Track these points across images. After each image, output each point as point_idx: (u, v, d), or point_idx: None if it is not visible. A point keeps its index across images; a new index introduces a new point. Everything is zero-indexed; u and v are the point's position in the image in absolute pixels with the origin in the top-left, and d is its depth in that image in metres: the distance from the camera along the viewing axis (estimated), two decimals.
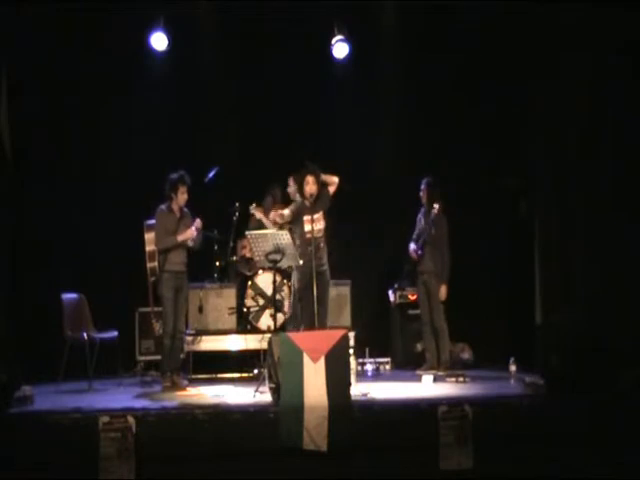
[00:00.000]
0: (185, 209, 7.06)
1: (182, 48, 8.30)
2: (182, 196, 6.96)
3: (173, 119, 8.36)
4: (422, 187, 7.65)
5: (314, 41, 8.40)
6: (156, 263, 6.95)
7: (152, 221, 7.04)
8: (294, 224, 6.88)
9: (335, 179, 6.85)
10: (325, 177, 6.82)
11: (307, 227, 6.77)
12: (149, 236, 7.08)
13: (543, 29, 7.29)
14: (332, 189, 6.87)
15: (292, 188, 7.31)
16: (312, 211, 6.83)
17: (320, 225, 6.79)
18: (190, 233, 6.91)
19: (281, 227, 6.98)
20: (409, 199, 7.89)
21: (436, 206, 7.41)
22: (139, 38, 8.09)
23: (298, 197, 7.04)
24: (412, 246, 7.67)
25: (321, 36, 8.38)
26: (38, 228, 7.81)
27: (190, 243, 6.97)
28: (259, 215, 7.02)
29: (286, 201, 7.65)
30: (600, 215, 6.92)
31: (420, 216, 7.76)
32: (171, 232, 6.93)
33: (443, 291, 7.51)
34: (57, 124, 7.99)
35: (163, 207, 7.01)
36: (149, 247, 7.03)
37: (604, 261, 6.86)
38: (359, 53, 8.49)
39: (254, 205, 7.03)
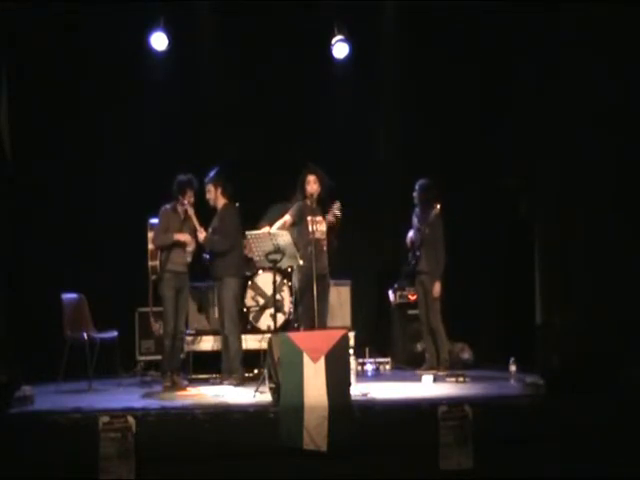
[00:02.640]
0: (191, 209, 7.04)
1: (182, 48, 8.30)
2: (189, 200, 6.98)
3: (173, 119, 8.35)
4: (415, 189, 7.67)
5: (314, 41, 8.41)
6: (157, 262, 6.96)
7: (156, 220, 7.07)
8: (298, 225, 6.88)
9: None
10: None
11: (310, 227, 6.77)
12: (151, 235, 7.09)
13: (544, 29, 7.29)
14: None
15: (212, 194, 7.16)
16: (314, 212, 6.84)
17: (322, 227, 6.80)
18: (188, 238, 6.90)
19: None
20: (409, 199, 7.88)
21: (437, 206, 7.42)
22: (139, 38, 8.09)
23: (219, 202, 7.08)
24: (410, 234, 7.70)
25: (321, 36, 8.38)
26: (38, 228, 7.81)
27: (189, 248, 7.00)
28: (190, 213, 7.01)
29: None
30: (600, 215, 6.91)
31: (414, 216, 7.78)
32: (172, 232, 6.94)
33: (437, 288, 7.50)
34: (57, 124, 7.98)
35: (168, 207, 7.04)
36: (151, 246, 7.05)
37: (604, 261, 6.85)
38: (359, 53, 8.49)
39: (186, 203, 6.99)
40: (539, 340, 6.89)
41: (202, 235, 7.01)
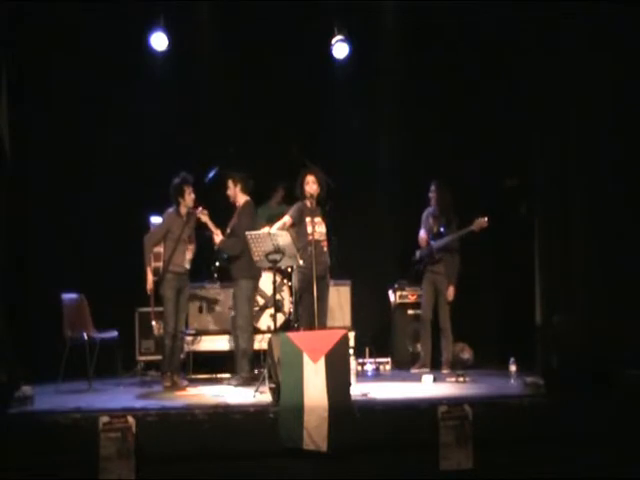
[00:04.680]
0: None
1: (182, 48, 8.30)
2: (189, 197, 7.01)
3: (173, 119, 8.35)
4: (432, 188, 7.70)
5: (314, 41, 8.41)
6: (161, 263, 6.98)
7: (158, 219, 7.08)
8: (297, 226, 6.88)
9: None
10: None
11: (309, 229, 6.77)
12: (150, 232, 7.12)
13: (543, 29, 7.29)
14: None
15: (232, 190, 7.15)
16: (313, 213, 6.84)
17: (321, 228, 6.81)
18: (150, 285, 6.98)
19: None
20: (409, 199, 7.89)
21: (485, 220, 7.48)
22: (139, 38, 8.08)
23: (239, 199, 7.07)
24: (422, 233, 7.73)
25: (321, 36, 8.38)
26: (38, 228, 7.82)
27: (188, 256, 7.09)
28: (204, 219, 7.03)
29: (290, 198, 7.63)
30: (600, 215, 6.92)
31: (427, 215, 7.80)
32: (176, 236, 6.96)
33: (451, 291, 7.62)
34: (57, 124, 7.98)
35: (171, 210, 7.06)
36: (156, 248, 7.05)
37: (604, 261, 6.86)
38: (359, 53, 8.49)
39: (200, 209, 7.02)
40: (539, 340, 6.90)
41: (218, 238, 7.02)
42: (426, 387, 6.70)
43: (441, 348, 7.63)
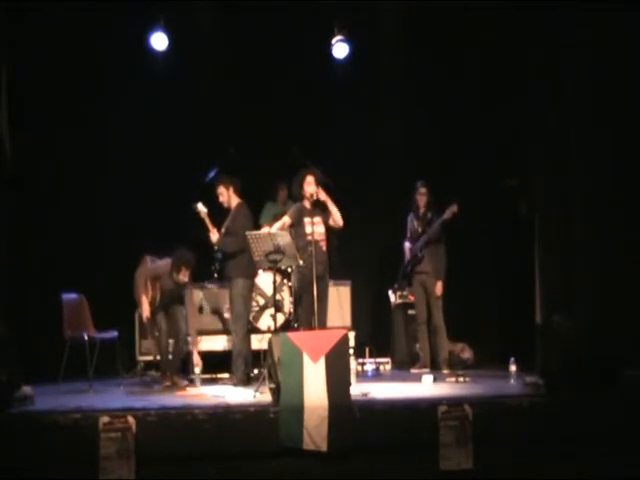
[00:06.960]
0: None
1: (182, 48, 8.30)
2: (183, 277, 6.99)
3: (173, 119, 8.35)
4: (422, 191, 7.72)
5: (314, 41, 8.41)
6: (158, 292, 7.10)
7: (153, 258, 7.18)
8: (296, 226, 6.88)
9: (338, 219, 6.85)
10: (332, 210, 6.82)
11: (308, 229, 6.77)
12: (143, 269, 7.17)
13: (544, 28, 7.29)
14: (331, 222, 6.86)
15: (225, 196, 7.14)
16: (312, 213, 6.84)
17: (320, 229, 6.81)
18: (147, 312, 7.01)
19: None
20: (409, 199, 7.89)
21: (455, 207, 7.47)
22: (139, 38, 8.08)
23: (232, 202, 7.06)
24: (407, 244, 7.74)
25: (321, 36, 8.38)
26: (38, 228, 7.81)
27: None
28: (202, 215, 7.01)
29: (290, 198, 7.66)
30: (600, 215, 6.92)
31: (411, 219, 7.82)
32: (163, 288, 7.06)
33: (439, 286, 7.62)
34: (57, 124, 7.98)
35: (169, 266, 7.03)
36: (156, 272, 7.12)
37: (604, 261, 6.85)
38: (359, 53, 8.49)
39: (200, 204, 6.99)
40: (539, 340, 6.89)
41: (215, 236, 7.02)
42: (426, 387, 6.70)
43: (437, 347, 7.64)
